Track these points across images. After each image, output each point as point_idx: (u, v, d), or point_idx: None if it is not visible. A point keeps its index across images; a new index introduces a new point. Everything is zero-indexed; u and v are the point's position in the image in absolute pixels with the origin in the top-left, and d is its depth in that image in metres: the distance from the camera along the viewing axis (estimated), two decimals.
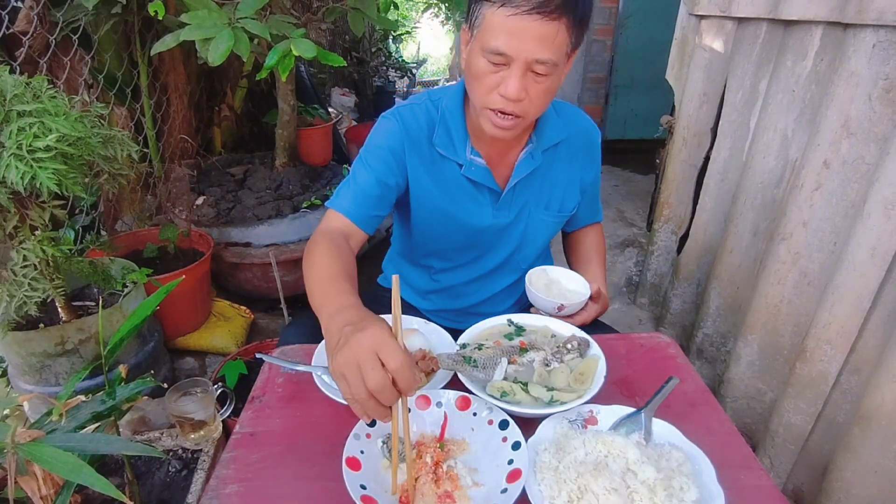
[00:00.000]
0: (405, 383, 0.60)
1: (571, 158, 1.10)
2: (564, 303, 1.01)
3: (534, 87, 0.87)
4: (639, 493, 0.65)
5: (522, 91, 0.85)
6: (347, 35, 4.15)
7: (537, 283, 1.08)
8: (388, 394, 0.60)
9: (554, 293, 1.07)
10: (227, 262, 1.98)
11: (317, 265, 0.87)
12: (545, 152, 1.05)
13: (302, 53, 1.44)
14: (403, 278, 1.23)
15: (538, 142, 1.04)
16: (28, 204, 1.12)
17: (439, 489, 0.70)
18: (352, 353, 0.61)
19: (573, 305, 1.02)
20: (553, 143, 1.06)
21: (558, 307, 1.01)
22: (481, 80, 0.88)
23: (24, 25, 1.56)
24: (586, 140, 1.11)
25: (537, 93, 0.87)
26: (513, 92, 0.84)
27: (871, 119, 1.25)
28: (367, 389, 0.60)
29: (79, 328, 1.31)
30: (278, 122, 2.20)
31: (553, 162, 1.08)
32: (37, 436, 0.76)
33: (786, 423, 1.46)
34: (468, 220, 1.07)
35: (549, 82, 0.88)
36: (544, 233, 1.15)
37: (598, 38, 3.98)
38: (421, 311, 1.24)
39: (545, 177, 1.08)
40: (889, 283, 1.22)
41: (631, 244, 2.93)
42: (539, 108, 0.91)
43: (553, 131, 1.05)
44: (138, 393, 0.92)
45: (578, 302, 1.03)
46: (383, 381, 0.59)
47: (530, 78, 0.86)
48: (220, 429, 1.29)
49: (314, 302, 0.80)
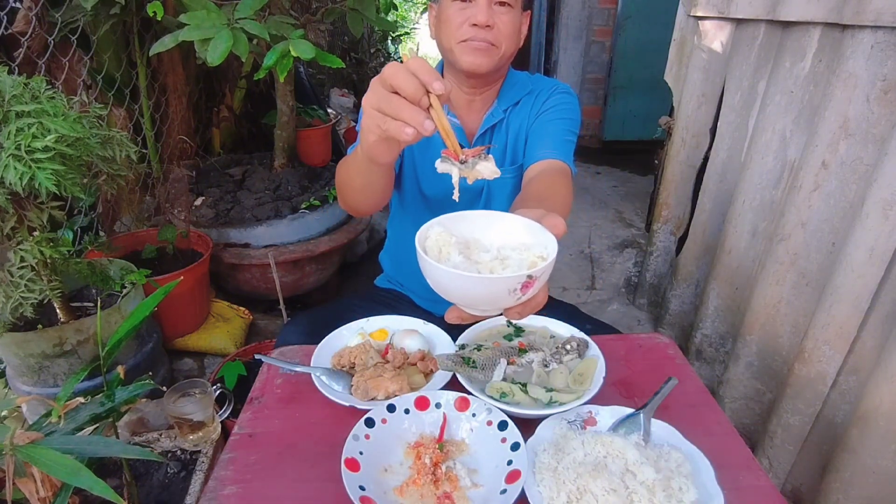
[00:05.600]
0: (426, 73, 0.58)
1: (529, 111, 1.15)
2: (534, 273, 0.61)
3: (500, 17, 0.98)
4: (638, 494, 0.65)
5: (490, 18, 0.97)
6: (346, 36, 4.15)
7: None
8: (411, 82, 0.58)
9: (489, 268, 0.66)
10: (226, 262, 1.98)
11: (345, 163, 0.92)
12: (506, 110, 1.13)
13: (301, 54, 1.44)
14: (401, 260, 1.28)
15: (501, 99, 1.13)
16: (26, 205, 1.11)
17: (438, 490, 0.70)
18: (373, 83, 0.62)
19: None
20: (515, 100, 1.13)
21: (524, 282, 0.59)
22: (451, 21, 0.99)
23: (22, 26, 1.56)
24: (546, 91, 1.15)
25: (504, 23, 0.99)
26: (483, 16, 0.96)
27: (869, 120, 1.25)
28: (393, 89, 0.59)
29: (77, 329, 1.31)
30: (277, 122, 2.20)
31: (514, 118, 1.14)
32: (35, 438, 0.75)
33: (784, 423, 1.46)
34: (440, 177, 1.09)
35: (512, 16, 1.00)
36: (504, 188, 1.17)
37: (596, 40, 3.98)
38: (423, 299, 1.26)
39: (507, 132, 1.15)
40: (887, 283, 1.22)
41: (630, 245, 2.94)
42: (508, 37, 1.01)
43: (518, 91, 1.14)
44: (137, 395, 0.92)
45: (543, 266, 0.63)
46: (403, 71, 0.58)
47: (496, 9, 0.98)
48: (218, 430, 1.29)
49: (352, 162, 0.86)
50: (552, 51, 4.25)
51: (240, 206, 2.11)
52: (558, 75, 4.09)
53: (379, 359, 0.93)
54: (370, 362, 0.92)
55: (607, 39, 3.95)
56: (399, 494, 0.70)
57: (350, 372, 0.92)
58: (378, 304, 1.23)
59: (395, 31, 5.29)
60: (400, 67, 0.59)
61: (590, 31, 3.97)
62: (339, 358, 0.94)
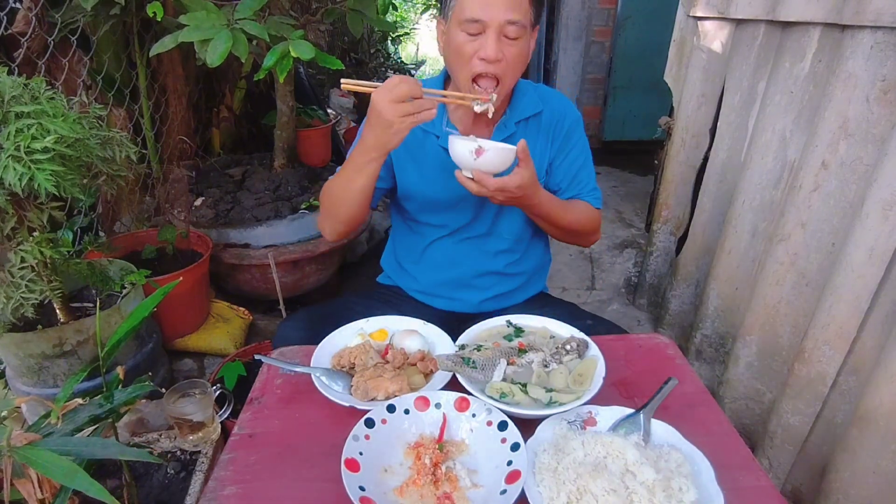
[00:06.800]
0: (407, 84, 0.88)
1: (541, 132, 1.15)
2: (483, 145, 0.91)
3: (508, 50, 0.98)
4: (638, 494, 0.65)
5: (499, 52, 0.96)
6: (346, 36, 4.15)
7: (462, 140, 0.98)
8: (411, 91, 0.88)
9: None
10: (226, 263, 1.98)
11: (330, 182, 1.11)
12: (518, 123, 1.13)
13: (300, 55, 1.44)
14: (402, 259, 1.30)
15: (511, 114, 1.13)
16: (26, 205, 1.11)
17: (438, 490, 0.70)
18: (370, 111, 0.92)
19: (494, 150, 0.91)
20: (526, 115, 1.13)
21: (476, 150, 0.91)
22: (461, 52, 0.99)
23: (22, 26, 1.56)
24: (559, 118, 1.16)
25: (512, 55, 0.98)
26: (491, 52, 0.95)
27: (868, 120, 1.25)
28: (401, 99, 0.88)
29: (77, 330, 1.31)
30: (277, 123, 2.20)
31: (524, 134, 1.14)
32: (33, 439, 0.75)
33: (784, 423, 1.46)
34: (445, 188, 1.14)
35: (521, 45, 0.99)
36: None
37: (596, 40, 3.98)
38: (421, 293, 1.27)
39: None
40: (887, 283, 1.22)
41: (630, 245, 2.94)
42: (514, 70, 1.01)
43: (528, 105, 1.13)
44: (136, 397, 0.92)
45: (500, 148, 0.92)
46: (402, 87, 0.87)
47: (504, 42, 0.97)
48: (218, 430, 1.29)
49: (336, 181, 1.07)
50: (552, 51, 4.25)
51: (240, 206, 2.11)
52: (558, 75, 4.09)
53: (379, 359, 0.93)
54: (370, 363, 0.92)
55: (607, 40, 3.94)
56: (399, 495, 0.70)
57: (350, 372, 0.92)
58: (375, 301, 1.23)
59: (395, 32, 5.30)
60: (398, 87, 0.88)
61: (589, 31, 3.97)
62: (338, 358, 0.94)
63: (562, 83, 4.09)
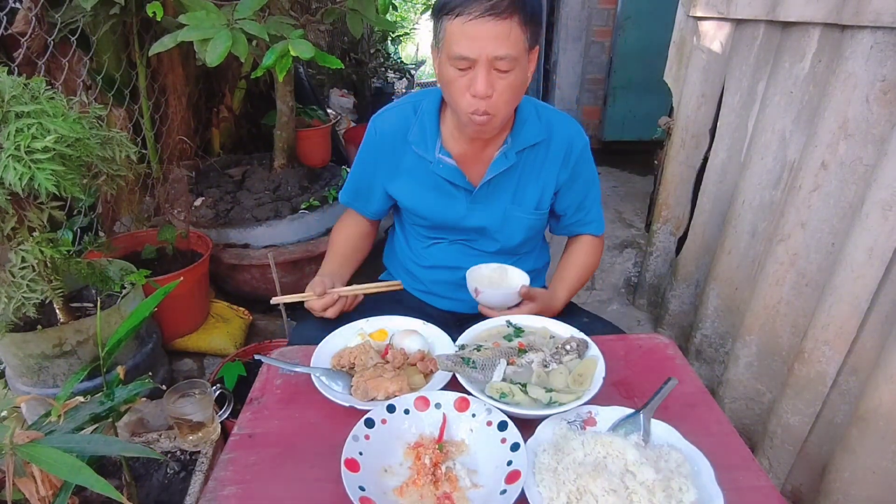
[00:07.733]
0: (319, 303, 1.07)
1: (548, 160, 1.13)
2: (479, 287, 1.05)
3: (499, 83, 0.94)
4: (638, 494, 0.65)
5: (490, 87, 0.93)
6: (346, 36, 4.15)
7: (484, 269, 1.13)
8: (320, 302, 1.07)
9: (487, 283, 1.10)
10: (226, 263, 1.98)
11: (330, 239, 1.29)
12: (520, 153, 1.10)
13: (300, 54, 1.44)
14: (403, 258, 1.31)
15: (513, 142, 1.10)
16: (26, 205, 1.11)
17: (438, 490, 0.70)
18: None
19: (488, 293, 1.04)
20: (529, 143, 1.10)
21: (475, 290, 1.05)
22: (453, 86, 0.96)
23: (22, 26, 1.56)
24: (566, 145, 1.13)
25: (503, 88, 0.95)
26: (481, 88, 0.92)
27: (868, 120, 1.25)
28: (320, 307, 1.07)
29: (77, 330, 1.31)
30: (277, 123, 2.20)
31: (529, 161, 1.12)
32: (35, 437, 0.75)
33: (784, 423, 1.46)
34: (442, 212, 1.15)
35: (513, 77, 0.95)
36: (522, 229, 1.17)
37: (596, 40, 3.98)
38: (423, 293, 1.27)
39: (521, 175, 1.13)
40: (887, 283, 1.22)
41: (629, 245, 2.94)
42: (507, 103, 0.98)
43: (531, 133, 1.10)
44: (136, 394, 0.92)
45: (495, 292, 1.05)
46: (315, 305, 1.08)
47: (495, 76, 0.93)
48: (218, 430, 1.29)
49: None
50: (551, 51, 4.25)
51: (239, 206, 2.11)
52: (558, 75, 4.09)
53: (379, 359, 0.93)
54: (370, 363, 0.92)
55: (607, 40, 3.94)
56: (399, 495, 0.70)
57: (350, 372, 0.92)
58: (380, 300, 1.24)
59: (395, 32, 5.30)
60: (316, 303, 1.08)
61: (589, 31, 3.96)
62: (338, 358, 0.94)
63: (561, 83, 4.09)
